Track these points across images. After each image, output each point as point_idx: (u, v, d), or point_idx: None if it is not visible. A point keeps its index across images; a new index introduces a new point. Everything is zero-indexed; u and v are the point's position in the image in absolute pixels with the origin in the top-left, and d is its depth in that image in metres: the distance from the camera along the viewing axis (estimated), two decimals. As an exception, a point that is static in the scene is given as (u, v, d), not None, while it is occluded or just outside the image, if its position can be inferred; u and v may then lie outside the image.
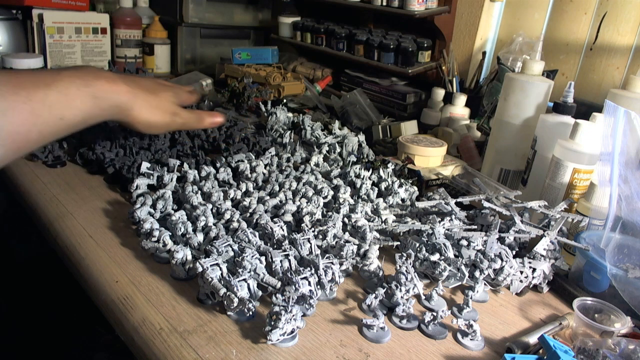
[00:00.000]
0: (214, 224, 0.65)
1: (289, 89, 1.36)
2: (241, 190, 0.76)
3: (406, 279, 0.58)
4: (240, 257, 0.55)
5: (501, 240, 0.68)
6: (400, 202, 0.81)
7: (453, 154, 1.09)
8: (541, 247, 0.67)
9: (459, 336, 0.55)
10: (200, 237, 0.63)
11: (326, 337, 0.53)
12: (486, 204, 0.73)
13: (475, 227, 0.70)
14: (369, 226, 0.68)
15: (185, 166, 0.80)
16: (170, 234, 0.64)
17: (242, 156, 0.87)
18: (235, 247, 0.59)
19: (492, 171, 0.94)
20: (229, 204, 0.70)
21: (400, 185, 0.83)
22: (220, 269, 0.55)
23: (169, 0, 1.62)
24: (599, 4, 1.10)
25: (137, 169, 0.80)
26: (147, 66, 1.58)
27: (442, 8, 1.29)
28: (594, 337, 0.55)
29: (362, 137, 1.02)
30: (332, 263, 0.57)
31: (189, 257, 0.59)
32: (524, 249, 0.71)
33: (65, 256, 0.65)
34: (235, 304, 0.51)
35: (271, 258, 0.56)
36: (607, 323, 0.57)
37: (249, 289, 0.53)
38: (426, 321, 0.55)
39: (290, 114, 1.12)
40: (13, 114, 0.55)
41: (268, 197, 0.73)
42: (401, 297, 0.57)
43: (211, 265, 0.54)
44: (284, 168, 0.86)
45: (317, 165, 0.90)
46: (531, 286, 0.66)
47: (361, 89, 1.38)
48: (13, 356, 1.08)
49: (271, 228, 0.63)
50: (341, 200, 0.76)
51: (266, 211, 0.70)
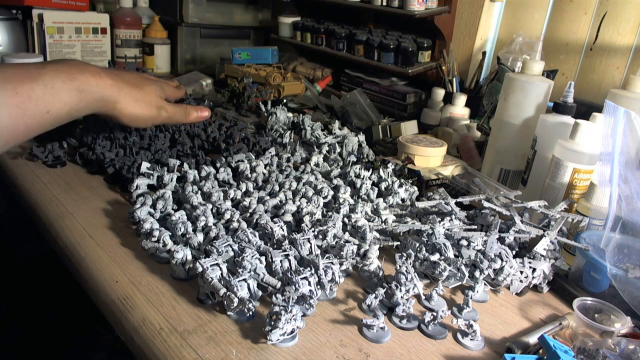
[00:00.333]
0: (214, 224, 0.65)
1: (289, 89, 1.36)
2: (241, 190, 0.76)
3: (406, 279, 0.58)
4: (240, 257, 0.55)
5: (501, 240, 0.68)
6: (400, 202, 0.81)
7: (453, 154, 1.09)
8: (541, 247, 0.67)
9: (459, 336, 0.55)
10: (200, 237, 0.63)
11: (326, 337, 0.53)
12: (486, 204, 0.73)
13: (475, 227, 0.70)
14: (369, 226, 0.68)
15: (185, 166, 0.80)
16: (170, 234, 0.64)
17: (242, 156, 0.87)
18: (235, 247, 0.59)
19: (492, 171, 0.94)
20: (229, 204, 0.70)
21: (400, 185, 0.83)
22: (220, 269, 0.55)
23: (169, 0, 1.62)
24: (599, 4, 1.10)
25: (137, 169, 0.80)
26: (147, 66, 1.58)
27: (442, 8, 1.29)
28: (594, 337, 0.55)
29: (362, 137, 1.02)
30: (332, 263, 0.57)
31: (189, 257, 0.59)
32: (524, 249, 0.71)
33: (65, 256, 0.65)
34: (235, 304, 0.51)
35: (271, 258, 0.56)
36: (607, 323, 0.57)
37: (249, 289, 0.53)
38: (426, 321, 0.55)
39: (290, 114, 1.12)
40: (0, 108, 0.55)
41: (268, 197, 0.73)
42: (401, 297, 0.57)
43: (211, 265, 0.54)
44: (284, 168, 0.86)
45: (317, 165, 0.90)
46: (531, 286, 0.66)
47: (361, 89, 1.38)
48: (13, 356, 1.08)
49: (271, 228, 0.63)
50: (341, 200, 0.76)
51: (266, 211, 0.70)
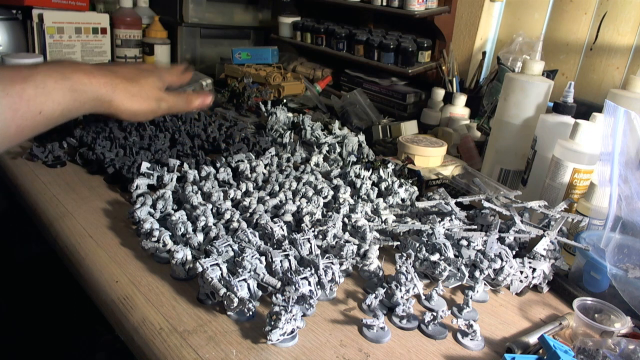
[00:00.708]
0: (214, 224, 0.65)
1: (289, 89, 1.36)
2: (241, 190, 0.76)
3: (406, 279, 0.58)
4: (240, 257, 0.55)
5: (501, 240, 0.68)
6: (400, 202, 0.81)
7: (453, 154, 1.09)
8: (541, 247, 0.67)
9: (459, 336, 0.55)
10: (200, 237, 0.63)
11: (326, 337, 0.53)
12: (486, 204, 0.73)
13: (475, 227, 0.70)
14: (369, 226, 0.68)
15: (185, 166, 0.80)
16: (170, 234, 0.64)
17: (242, 156, 0.87)
18: (235, 247, 0.59)
19: (492, 171, 0.94)
20: (229, 204, 0.70)
21: (400, 185, 0.83)
22: (220, 269, 0.55)
23: (169, 0, 1.62)
24: (599, 4, 1.10)
25: (137, 169, 0.80)
26: (147, 66, 1.58)
27: (442, 8, 1.29)
28: (594, 337, 0.55)
29: (362, 137, 1.02)
30: (332, 263, 0.57)
31: (189, 257, 0.59)
32: (524, 249, 0.71)
33: (65, 256, 0.65)
34: (235, 304, 0.51)
35: (271, 258, 0.56)
36: (607, 323, 0.57)
37: (249, 289, 0.53)
38: (426, 321, 0.55)
39: (290, 114, 1.12)
40: None
41: (268, 197, 0.73)
42: (401, 297, 0.57)
43: (211, 265, 0.54)
44: (284, 168, 0.86)
45: (317, 165, 0.90)
46: (531, 286, 0.66)
47: (361, 89, 1.38)
48: (13, 356, 1.08)
49: (271, 228, 0.63)
50: (341, 200, 0.76)
51: (266, 211, 0.70)
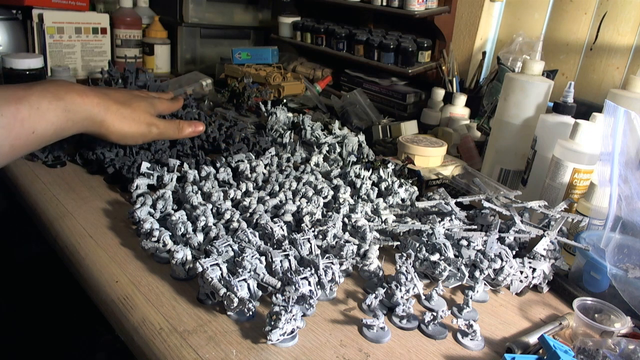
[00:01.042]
0: (214, 224, 0.65)
1: (289, 89, 1.36)
2: (241, 190, 0.76)
3: (406, 279, 0.58)
4: (240, 257, 0.55)
5: (501, 240, 0.68)
6: (400, 202, 0.81)
7: (453, 154, 1.09)
8: (541, 247, 0.67)
9: (459, 336, 0.55)
10: (200, 237, 0.63)
11: (326, 337, 0.53)
12: (486, 204, 0.73)
13: (475, 227, 0.70)
14: (369, 226, 0.68)
15: (185, 166, 0.80)
16: (170, 234, 0.64)
17: (242, 156, 0.87)
18: (235, 247, 0.59)
19: (492, 171, 0.94)
20: (229, 204, 0.70)
21: (400, 185, 0.83)
22: (220, 269, 0.55)
23: (169, 0, 1.62)
24: (599, 4, 1.10)
25: (137, 169, 0.80)
26: (147, 66, 1.58)
27: (442, 8, 1.29)
28: (594, 337, 0.55)
29: (362, 137, 1.02)
30: (332, 263, 0.57)
31: (189, 257, 0.59)
32: (524, 249, 0.71)
33: (65, 256, 0.65)
34: (235, 304, 0.51)
35: (271, 258, 0.56)
36: (607, 323, 0.57)
37: (249, 289, 0.53)
38: (426, 321, 0.55)
39: (290, 114, 1.12)
40: None
41: (268, 197, 0.73)
42: (401, 297, 0.57)
43: (211, 265, 0.54)
44: (284, 168, 0.86)
45: (317, 165, 0.90)
46: (531, 286, 0.66)
47: (361, 89, 1.38)
48: (13, 356, 1.08)
49: (271, 228, 0.63)
50: (341, 200, 0.76)
51: (266, 211, 0.70)
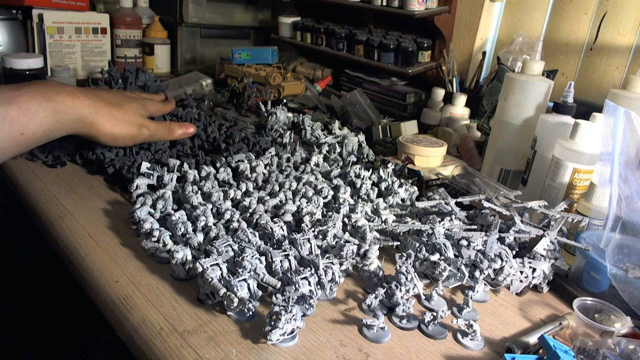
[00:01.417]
0: (214, 224, 0.65)
1: (289, 89, 1.36)
2: (241, 190, 0.76)
3: (406, 279, 0.58)
4: (240, 257, 0.55)
5: (501, 240, 0.68)
6: (400, 202, 0.81)
7: (453, 154, 1.09)
8: (541, 247, 0.67)
9: (459, 336, 0.55)
10: (200, 237, 0.63)
11: (326, 337, 0.53)
12: (486, 204, 0.73)
13: (475, 227, 0.70)
14: (369, 226, 0.68)
15: (185, 166, 0.80)
16: (170, 234, 0.64)
17: (242, 156, 0.87)
18: (235, 247, 0.59)
19: (492, 171, 0.94)
20: (229, 204, 0.70)
21: (400, 185, 0.83)
22: (220, 269, 0.55)
23: (169, 0, 1.62)
24: (599, 4, 1.10)
25: (137, 169, 0.80)
26: (147, 66, 1.58)
27: (442, 8, 1.29)
28: (594, 337, 0.55)
29: (362, 137, 1.02)
30: (332, 263, 0.57)
31: (189, 257, 0.59)
32: (524, 249, 0.71)
33: (65, 256, 0.65)
34: (235, 304, 0.51)
35: (271, 258, 0.56)
36: (607, 323, 0.57)
37: (249, 289, 0.53)
38: (426, 321, 0.55)
39: (290, 114, 1.12)
40: None
41: (268, 197, 0.73)
42: (401, 297, 0.57)
43: (211, 265, 0.54)
44: (284, 168, 0.86)
45: (317, 165, 0.90)
46: (531, 286, 0.66)
47: (361, 89, 1.38)
48: (13, 356, 1.08)
49: (271, 228, 0.63)
50: (341, 200, 0.76)
51: (266, 211, 0.70)
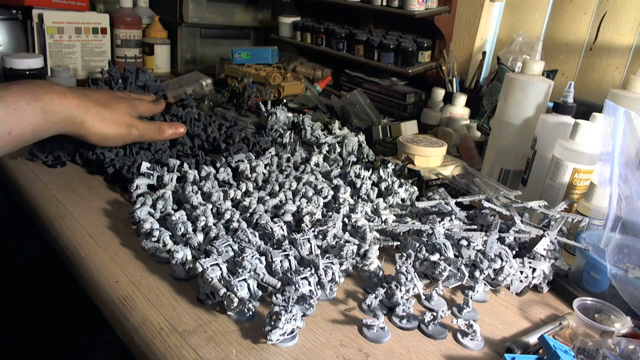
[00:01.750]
0: (214, 224, 0.65)
1: (289, 89, 1.36)
2: (241, 190, 0.76)
3: (406, 279, 0.58)
4: (240, 257, 0.55)
5: (501, 240, 0.68)
6: (400, 202, 0.81)
7: (453, 154, 1.09)
8: (541, 247, 0.67)
9: (459, 336, 0.55)
10: (200, 237, 0.63)
11: (326, 337, 0.53)
12: (486, 204, 0.73)
13: (475, 227, 0.70)
14: (369, 226, 0.68)
15: (185, 166, 0.80)
16: (170, 234, 0.64)
17: (242, 156, 0.87)
18: (235, 247, 0.59)
19: (492, 171, 0.94)
20: (229, 204, 0.70)
21: (400, 185, 0.83)
22: (220, 269, 0.55)
23: (169, 0, 1.62)
24: (599, 4, 1.10)
25: (137, 169, 0.80)
26: (147, 66, 1.58)
27: (442, 8, 1.29)
28: (594, 337, 0.55)
29: (362, 137, 1.02)
30: (332, 263, 0.57)
31: (189, 257, 0.59)
32: (524, 249, 0.71)
33: (65, 256, 0.65)
34: (235, 304, 0.51)
35: (271, 258, 0.56)
36: (607, 323, 0.57)
37: (249, 289, 0.53)
38: (426, 321, 0.55)
39: (290, 114, 1.12)
40: None
41: (268, 197, 0.73)
42: (401, 297, 0.57)
43: (211, 265, 0.54)
44: (284, 168, 0.86)
45: (317, 165, 0.90)
46: (531, 286, 0.66)
47: (361, 89, 1.38)
48: (13, 356, 1.08)
49: (271, 228, 0.63)
50: (341, 200, 0.76)
51: (266, 211, 0.70)
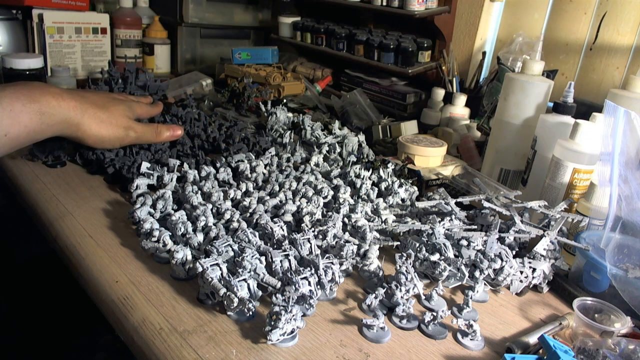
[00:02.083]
0: (214, 224, 0.65)
1: (289, 89, 1.36)
2: (241, 190, 0.76)
3: (406, 279, 0.58)
4: (240, 257, 0.55)
5: (501, 240, 0.68)
6: (400, 202, 0.81)
7: (453, 154, 1.09)
8: (541, 247, 0.67)
9: (459, 336, 0.55)
10: (200, 237, 0.63)
11: (326, 337, 0.53)
12: (486, 204, 0.73)
13: (475, 227, 0.70)
14: (369, 226, 0.68)
15: (185, 166, 0.80)
16: (170, 234, 0.64)
17: (242, 156, 0.87)
18: (235, 247, 0.59)
19: (492, 171, 0.94)
20: (229, 204, 0.70)
21: (400, 185, 0.83)
22: (220, 269, 0.55)
23: (169, 0, 1.62)
24: (599, 4, 1.10)
25: (137, 169, 0.80)
26: (147, 66, 1.58)
27: (442, 8, 1.29)
28: (594, 337, 0.55)
29: (362, 137, 1.02)
30: (332, 263, 0.57)
31: (189, 257, 0.59)
32: (524, 249, 0.71)
33: (65, 256, 0.65)
34: (235, 304, 0.51)
35: (271, 258, 0.56)
36: (607, 323, 0.57)
37: (249, 289, 0.53)
38: (426, 321, 0.55)
39: (290, 114, 1.12)
40: None
41: (268, 197, 0.73)
42: (401, 297, 0.57)
43: (211, 265, 0.54)
44: (284, 168, 0.86)
45: (317, 165, 0.90)
46: (531, 286, 0.66)
47: (361, 89, 1.38)
48: (13, 356, 1.08)
49: (271, 228, 0.63)
50: (341, 200, 0.76)
51: (266, 211, 0.70)
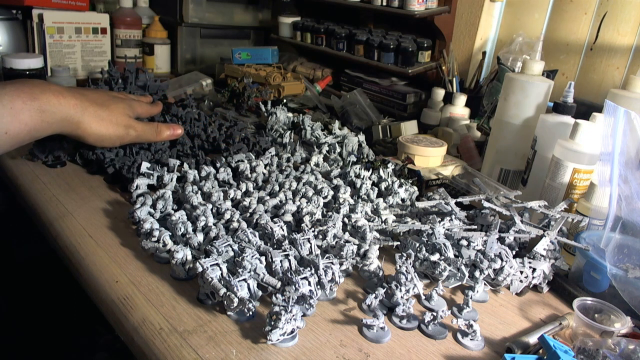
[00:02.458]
0: (214, 224, 0.65)
1: (289, 89, 1.36)
2: (241, 190, 0.76)
3: (406, 279, 0.58)
4: (240, 257, 0.55)
5: (501, 240, 0.68)
6: (400, 202, 0.81)
7: (453, 154, 1.09)
8: (541, 247, 0.67)
9: (459, 336, 0.55)
10: (200, 237, 0.63)
11: (326, 337, 0.53)
12: (486, 204, 0.73)
13: (475, 227, 0.70)
14: (369, 226, 0.68)
15: (185, 166, 0.80)
16: (170, 234, 0.64)
17: (242, 156, 0.87)
18: (235, 247, 0.59)
19: (492, 171, 0.94)
20: (229, 204, 0.70)
21: (400, 185, 0.83)
22: (220, 269, 0.55)
23: (169, 0, 1.62)
24: (599, 4, 1.10)
25: (137, 169, 0.80)
26: (147, 66, 1.58)
27: (442, 8, 1.29)
28: (594, 337, 0.55)
29: (362, 137, 1.02)
30: (332, 263, 0.57)
31: (189, 257, 0.59)
32: (524, 249, 0.71)
33: (65, 256, 0.65)
34: (235, 304, 0.51)
35: (271, 258, 0.56)
36: (607, 323, 0.57)
37: (249, 289, 0.53)
38: (426, 321, 0.55)
39: (290, 114, 1.12)
40: None
41: (268, 197, 0.73)
42: (401, 297, 0.57)
43: (211, 265, 0.54)
44: (284, 168, 0.86)
45: (317, 165, 0.90)
46: (531, 286, 0.66)
47: (361, 89, 1.38)
48: (13, 356, 1.08)
49: (271, 228, 0.63)
50: (341, 200, 0.76)
51: (266, 211, 0.70)
